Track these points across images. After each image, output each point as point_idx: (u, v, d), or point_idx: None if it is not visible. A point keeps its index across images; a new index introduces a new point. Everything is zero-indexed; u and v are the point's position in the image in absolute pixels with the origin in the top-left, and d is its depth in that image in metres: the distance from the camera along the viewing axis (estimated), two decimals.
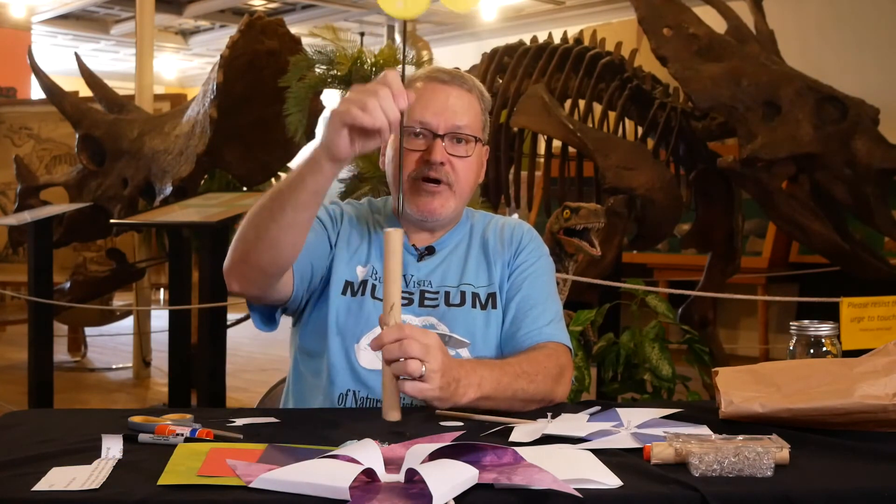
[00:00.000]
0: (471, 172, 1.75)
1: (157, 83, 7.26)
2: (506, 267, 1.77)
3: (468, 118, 1.72)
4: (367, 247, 1.75)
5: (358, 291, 1.71)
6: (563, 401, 1.65)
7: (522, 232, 1.82)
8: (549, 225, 3.43)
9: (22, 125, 6.96)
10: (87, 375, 6.58)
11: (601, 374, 3.40)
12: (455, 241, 1.79)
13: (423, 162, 1.69)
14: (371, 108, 1.37)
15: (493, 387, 1.50)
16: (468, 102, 1.73)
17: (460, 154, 1.71)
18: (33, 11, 10.46)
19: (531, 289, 1.74)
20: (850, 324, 2.64)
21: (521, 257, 1.78)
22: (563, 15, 10.39)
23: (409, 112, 1.66)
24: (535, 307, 1.72)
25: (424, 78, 1.75)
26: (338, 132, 1.40)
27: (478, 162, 1.77)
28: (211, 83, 4.49)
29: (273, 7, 10.87)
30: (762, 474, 1.14)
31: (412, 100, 1.43)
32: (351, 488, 1.04)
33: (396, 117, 1.39)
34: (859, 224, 4.29)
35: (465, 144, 1.72)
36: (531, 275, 1.76)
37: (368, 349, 1.63)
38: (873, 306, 2.68)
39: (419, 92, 1.69)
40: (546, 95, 4.61)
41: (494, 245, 1.78)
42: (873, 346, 1.55)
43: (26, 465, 1.17)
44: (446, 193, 1.71)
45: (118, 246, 6.18)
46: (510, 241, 1.79)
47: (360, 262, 1.74)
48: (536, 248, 1.81)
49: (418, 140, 1.70)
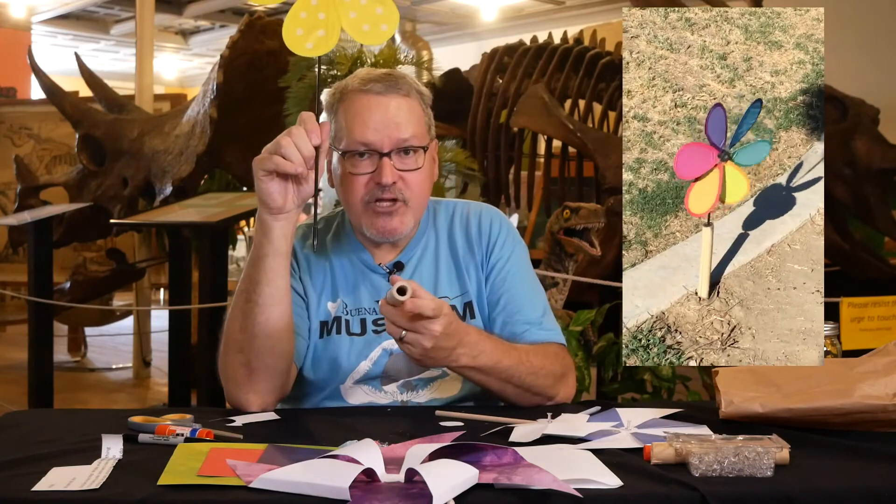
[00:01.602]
0: (425, 180, 1.65)
1: (157, 83, 7.26)
2: (480, 270, 1.70)
3: (412, 127, 1.62)
4: (331, 278, 1.69)
5: (332, 330, 1.65)
6: (567, 402, 1.64)
7: (490, 222, 1.73)
8: (549, 225, 3.44)
9: (22, 125, 6.97)
10: (87, 375, 6.58)
11: (601, 374, 3.40)
12: (421, 248, 1.71)
13: (374, 184, 1.60)
14: (284, 147, 1.41)
15: (489, 364, 1.51)
16: (408, 109, 1.63)
17: (410, 167, 1.62)
18: (33, 11, 10.47)
19: (513, 289, 1.69)
20: (850, 324, 2.64)
21: (494, 255, 1.70)
22: (563, 15, 10.40)
23: (349, 132, 1.61)
24: (521, 308, 1.68)
25: (358, 90, 1.63)
26: (263, 181, 1.45)
27: (430, 169, 1.68)
28: (211, 83, 4.49)
29: (273, 7, 10.87)
30: (762, 474, 1.14)
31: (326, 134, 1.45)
32: (351, 488, 1.04)
33: (310, 153, 1.43)
34: (859, 224, 4.29)
35: (414, 155, 1.62)
36: (509, 273, 1.70)
37: (356, 388, 1.63)
38: (873, 306, 2.69)
39: (355, 108, 1.61)
40: (546, 95, 4.62)
41: (463, 247, 1.71)
42: (873, 346, 1.55)
43: (26, 465, 1.17)
44: (402, 209, 1.62)
45: (118, 246, 6.19)
46: (478, 237, 1.71)
47: (329, 298, 1.68)
48: (508, 238, 1.73)
49: (364, 161, 1.61)
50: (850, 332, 2.62)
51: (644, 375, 3.24)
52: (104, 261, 6.29)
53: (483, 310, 1.69)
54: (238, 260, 7.27)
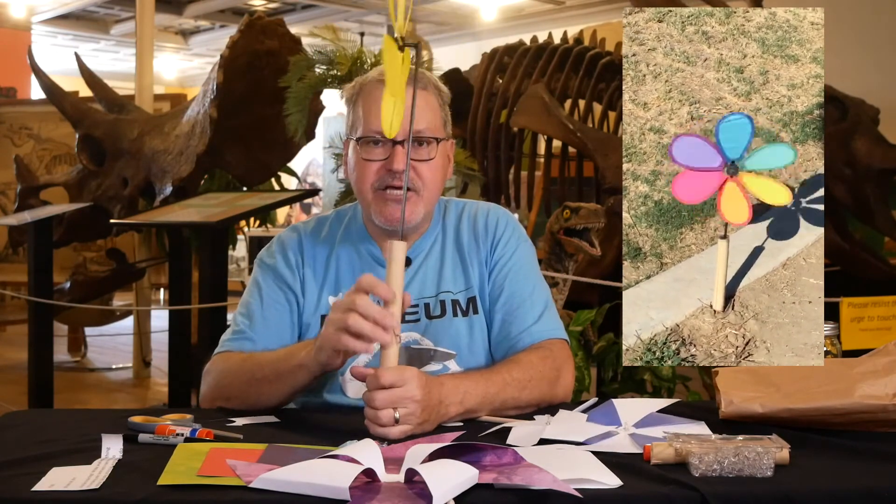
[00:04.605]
0: (436, 173, 1.67)
1: (157, 83, 7.26)
2: (484, 266, 1.71)
3: (426, 119, 1.64)
4: (336, 271, 1.70)
5: None
6: (567, 399, 1.63)
7: (497, 220, 1.75)
8: (549, 225, 3.44)
9: (22, 125, 6.97)
10: (87, 375, 6.58)
11: (601, 374, 3.40)
12: (429, 245, 1.73)
13: (385, 171, 1.62)
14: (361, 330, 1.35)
15: (477, 401, 1.48)
16: (424, 102, 1.65)
17: (422, 158, 1.64)
18: (33, 11, 10.47)
19: (514, 285, 1.70)
20: (850, 324, 2.64)
21: (497, 251, 1.72)
22: (563, 15, 10.40)
23: (365, 120, 1.63)
24: (521, 305, 1.68)
25: (376, 80, 1.64)
26: (331, 356, 1.44)
27: (443, 160, 1.70)
28: (211, 83, 4.49)
29: (273, 7, 10.88)
30: (762, 474, 1.14)
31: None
32: (351, 488, 1.04)
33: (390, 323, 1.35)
34: (859, 224, 4.29)
35: (427, 147, 1.65)
36: (511, 269, 1.71)
37: (354, 380, 1.61)
38: (873, 306, 2.69)
39: (373, 98, 1.62)
40: (546, 95, 4.62)
41: (469, 243, 1.73)
42: (873, 346, 1.55)
43: (26, 465, 1.17)
44: (413, 199, 1.64)
45: (118, 246, 6.19)
46: (484, 234, 1.73)
47: (331, 292, 1.69)
48: (513, 236, 1.74)
49: (377, 149, 1.63)
50: (850, 332, 2.62)
51: (644, 375, 3.25)
52: (104, 261, 6.29)
53: (486, 305, 1.70)
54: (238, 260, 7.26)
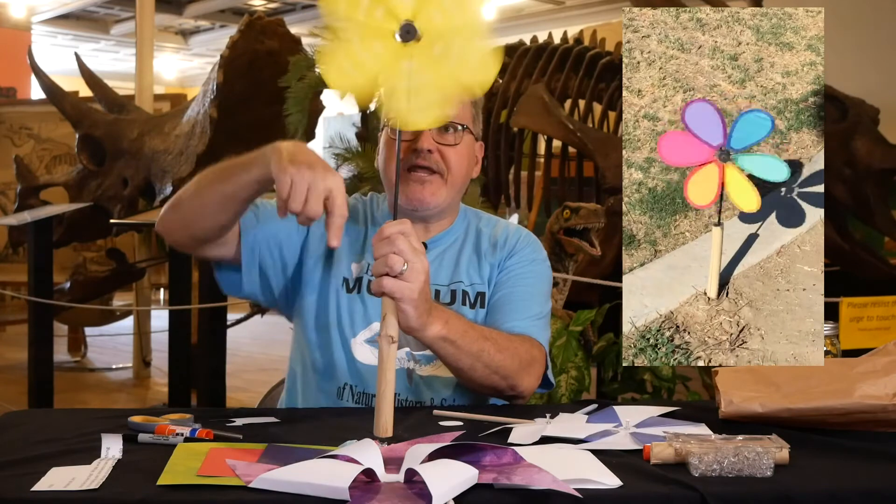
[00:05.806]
0: (462, 160, 1.71)
1: (157, 83, 7.26)
2: (495, 269, 1.75)
3: (455, 108, 1.65)
4: (363, 242, 1.75)
5: (354, 288, 1.70)
6: (529, 395, 1.64)
7: (519, 237, 1.79)
8: (549, 225, 3.44)
9: (22, 125, 6.97)
10: (87, 375, 6.58)
11: (601, 374, 3.40)
12: (450, 240, 1.77)
13: (410, 151, 1.67)
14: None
15: (459, 333, 1.49)
16: None
17: (449, 142, 1.68)
18: (33, 11, 10.47)
19: (515, 288, 1.72)
20: (850, 324, 2.64)
21: (511, 261, 1.75)
22: (563, 15, 10.40)
23: None
24: (515, 304, 1.70)
25: None
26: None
27: (469, 152, 1.74)
28: (211, 83, 4.49)
29: (273, 7, 10.88)
30: (762, 474, 1.14)
31: None
32: (351, 488, 1.04)
33: None
34: (859, 224, 4.29)
35: (454, 133, 1.69)
36: (516, 276, 1.73)
37: (365, 345, 1.65)
38: (873, 306, 2.69)
39: None
40: (546, 95, 4.62)
41: (487, 248, 1.76)
42: (873, 346, 1.55)
43: (26, 465, 1.17)
44: (437, 182, 1.68)
45: (118, 246, 6.19)
46: (504, 244, 1.77)
47: (355, 259, 1.73)
48: (530, 254, 1.77)
49: (405, 132, 1.65)
50: (849, 332, 2.62)
51: (644, 375, 3.25)
52: (104, 261, 6.29)
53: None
54: None
